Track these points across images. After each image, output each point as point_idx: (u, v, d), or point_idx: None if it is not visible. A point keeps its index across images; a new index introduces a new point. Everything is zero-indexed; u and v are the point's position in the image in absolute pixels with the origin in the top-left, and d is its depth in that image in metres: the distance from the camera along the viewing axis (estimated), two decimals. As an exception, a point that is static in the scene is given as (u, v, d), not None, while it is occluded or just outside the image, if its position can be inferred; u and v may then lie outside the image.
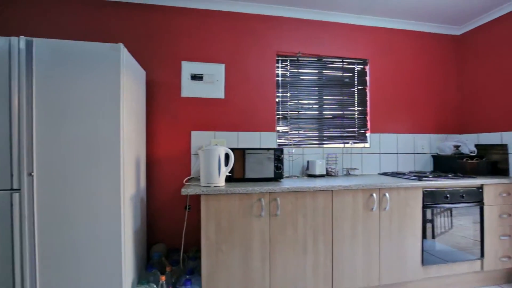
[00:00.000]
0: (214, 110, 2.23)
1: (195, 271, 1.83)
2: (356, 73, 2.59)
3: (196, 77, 2.20)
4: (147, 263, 1.98)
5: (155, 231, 2.15)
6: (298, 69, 2.47)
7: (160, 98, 2.16)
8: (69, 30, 2.05)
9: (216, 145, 1.84)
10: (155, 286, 1.65)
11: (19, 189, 1.34)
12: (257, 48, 2.33)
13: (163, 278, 1.63)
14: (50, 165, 1.38)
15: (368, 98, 2.58)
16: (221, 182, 1.70)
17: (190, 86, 2.19)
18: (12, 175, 1.34)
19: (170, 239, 2.16)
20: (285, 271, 1.72)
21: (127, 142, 1.55)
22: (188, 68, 2.19)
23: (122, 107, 1.46)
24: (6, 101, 1.34)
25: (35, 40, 1.36)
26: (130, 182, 1.61)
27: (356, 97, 2.59)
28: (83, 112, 1.41)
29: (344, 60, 2.56)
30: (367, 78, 2.59)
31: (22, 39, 1.34)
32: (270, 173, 1.93)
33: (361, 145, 2.57)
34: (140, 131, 1.88)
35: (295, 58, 2.45)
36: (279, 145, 2.40)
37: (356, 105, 2.58)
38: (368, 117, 2.58)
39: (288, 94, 2.45)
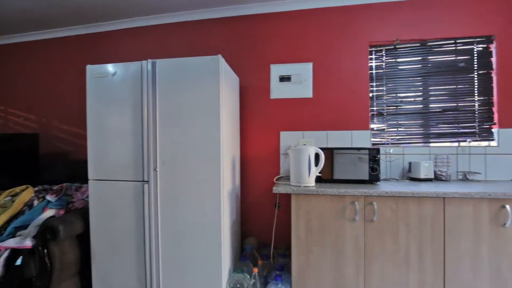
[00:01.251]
0: (302, 110, 2.23)
1: (285, 268, 1.88)
2: (476, 55, 2.11)
3: (284, 79, 2.25)
4: (241, 254, 2.15)
5: (247, 225, 2.31)
6: (395, 58, 2.20)
7: (251, 101, 2.31)
8: (180, 49, 2.44)
9: (305, 145, 1.83)
10: (248, 276, 1.78)
11: (148, 181, 1.70)
12: (346, 42, 2.20)
13: (255, 270, 1.74)
14: (168, 161, 1.68)
15: (495, 85, 2.06)
16: (311, 182, 1.68)
17: (279, 87, 2.26)
18: (143, 170, 1.70)
19: (261, 234, 2.28)
20: (383, 284, 1.56)
21: (226, 143, 1.73)
22: (276, 70, 2.26)
23: (222, 112, 1.63)
24: (139, 112, 1.71)
25: (158, 61, 1.68)
26: (227, 179, 1.79)
27: (476, 84, 2.10)
28: (190, 117, 1.65)
29: (457, 41, 2.12)
30: (493, 60, 2.07)
31: (149, 62, 1.69)
32: (363, 174, 1.79)
33: (485, 143, 2.08)
34: (235, 133, 2.06)
35: (392, 47, 2.19)
36: (373, 144, 2.19)
37: (476, 94, 2.10)
38: (495, 108, 2.06)
39: (384, 88, 2.21)
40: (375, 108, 2.22)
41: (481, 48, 2.10)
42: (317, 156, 1.71)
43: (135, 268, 1.74)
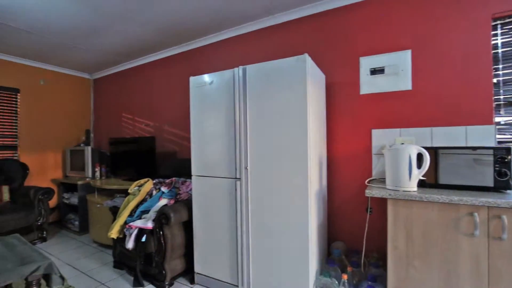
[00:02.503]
0: (399, 105, 1.98)
1: (378, 280, 1.71)
2: None
3: (376, 71, 2.05)
4: (327, 258, 2.07)
5: (334, 228, 2.21)
6: (535, 31, 1.69)
7: (338, 98, 2.21)
8: (265, 54, 2.55)
9: (403, 143, 1.62)
10: (336, 282, 1.70)
11: (240, 178, 1.84)
12: (458, 17, 1.82)
13: (345, 276, 1.65)
14: (256, 160, 1.78)
15: None
16: (412, 186, 1.47)
17: (370, 81, 2.07)
18: (236, 168, 1.85)
19: (349, 238, 2.15)
20: (520, 320, 1.22)
21: (313, 142, 1.70)
22: (366, 63, 2.09)
23: (309, 111, 1.62)
24: (232, 115, 1.87)
25: (248, 67, 1.80)
26: (314, 179, 1.76)
27: None
28: (278, 118, 1.70)
29: None
30: None
31: (240, 68, 1.83)
32: (484, 180, 1.45)
33: None
34: (322, 132, 2.01)
35: (529, 17, 1.69)
36: (499, 142, 1.75)
37: None
38: None
39: (516, 71, 1.73)
40: (501, 97, 1.76)
41: None
42: (419, 156, 1.49)
43: (229, 256, 1.92)
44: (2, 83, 3.47)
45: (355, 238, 2.11)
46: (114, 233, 2.16)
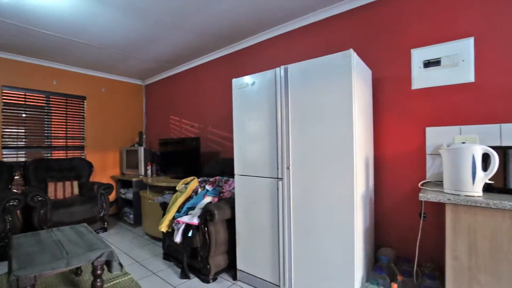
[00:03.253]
0: (459, 99, 1.78)
1: (435, 293, 1.55)
2: None
3: (430, 63, 1.87)
4: (374, 265, 1.95)
5: (382, 233, 2.08)
6: None
7: (386, 95, 2.07)
8: (309, 51, 2.51)
9: (464, 142, 1.45)
10: (386, 290, 1.59)
11: (282, 178, 1.84)
12: (535, -1, 1.57)
13: (394, 286, 1.54)
14: (299, 161, 1.76)
15: None
16: (476, 191, 1.31)
17: (423, 75, 1.90)
18: (278, 168, 1.86)
19: (398, 245, 1.99)
20: None
21: (359, 142, 1.62)
22: (419, 55, 1.92)
23: (354, 109, 1.55)
24: (274, 115, 1.88)
25: (289, 66, 1.80)
26: (361, 180, 1.67)
27: None
28: (322, 117, 1.66)
29: None
30: None
31: (282, 68, 1.83)
32: None
33: None
34: (368, 131, 1.90)
35: None
36: None
37: None
38: None
39: None
40: None
41: None
42: (485, 157, 1.32)
43: (270, 255, 1.93)
44: (73, 91, 3.99)
45: (405, 245, 1.95)
46: (164, 227, 2.33)
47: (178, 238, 2.22)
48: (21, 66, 3.54)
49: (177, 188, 2.57)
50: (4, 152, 3.42)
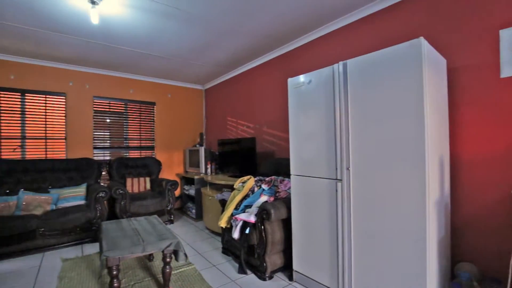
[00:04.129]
0: None
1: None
2: None
3: (528, 47, 1.55)
4: (450, 281, 1.71)
5: (460, 245, 1.81)
6: None
7: (465, 86, 1.79)
8: (371, 43, 2.35)
9: None
10: (468, 312, 1.38)
11: (341, 179, 1.76)
12: None
13: (480, 308, 1.32)
14: (360, 161, 1.66)
15: None
16: None
17: (517, 61, 1.59)
18: (336, 169, 1.78)
19: (482, 261, 1.71)
20: None
21: (431, 142, 1.44)
22: (510, 36, 1.61)
23: (426, 105, 1.39)
24: (332, 113, 1.81)
25: (349, 62, 1.71)
26: (434, 184, 1.49)
27: None
28: (386, 114, 1.53)
29: None
30: None
31: (340, 64, 1.75)
32: None
33: None
34: (442, 129, 1.68)
35: None
36: None
37: None
38: None
39: None
40: None
41: None
42: None
43: (328, 259, 1.86)
44: (145, 98, 4.53)
45: (492, 262, 1.66)
46: (223, 223, 2.46)
47: (236, 234, 2.32)
48: (107, 79, 4.17)
49: (234, 186, 2.69)
50: (94, 152, 4.08)
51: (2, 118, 3.45)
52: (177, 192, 4.38)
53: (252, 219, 2.22)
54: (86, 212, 3.05)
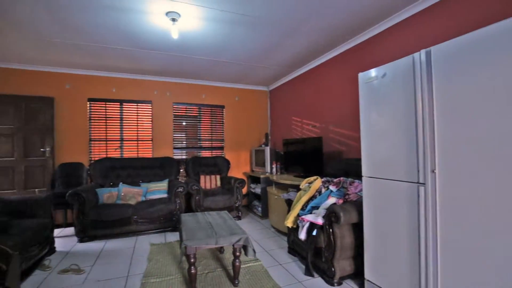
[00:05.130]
0: None
1: None
2: None
3: None
4: None
5: None
6: None
7: None
8: (457, 27, 2.01)
9: None
10: None
11: (424, 183, 1.54)
12: None
13: None
14: (449, 163, 1.42)
15: None
16: None
17: None
18: (418, 171, 1.57)
19: None
20: None
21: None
22: None
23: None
24: (412, 108, 1.61)
25: (433, 48, 1.48)
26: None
27: None
28: (485, 107, 1.28)
29: None
30: None
31: (422, 52, 1.54)
32: None
33: None
34: None
35: None
36: None
37: None
38: None
39: None
40: None
41: None
42: None
43: (407, 273, 1.65)
44: (215, 102, 4.89)
45: None
46: (289, 223, 2.46)
47: (302, 235, 2.29)
48: (183, 86, 4.67)
49: (300, 187, 2.65)
50: (174, 152, 4.61)
51: (108, 123, 4.23)
52: (244, 190, 4.59)
53: (320, 221, 2.15)
54: (168, 204, 3.47)
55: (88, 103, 4.11)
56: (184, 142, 4.75)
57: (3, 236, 2.09)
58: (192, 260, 1.95)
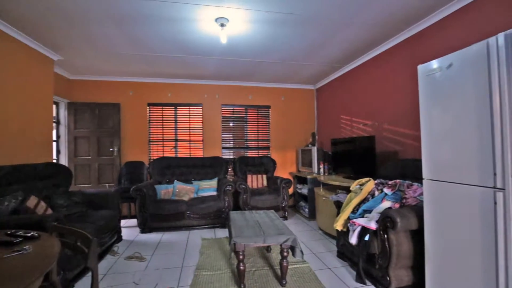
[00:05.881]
0: None
1: None
2: None
3: None
4: None
5: None
6: None
7: None
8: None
9: None
10: None
11: (503, 189, 1.32)
12: None
13: None
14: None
15: None
16: None
17: None
18: (495, 174, 1.36)
19: None
20: None
21: None
22: None
23: None
24: (486, 102, 1.40)
25: (514, 31, 1.27)
26: None
27: None
28: None
29: None
30: None
31: (500, 36, 1.32)
32: None
33: None
34: None
35: None
36: None
37: None
38: None
39: None
40: None
41: None
42: None
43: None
44: (261, 103, 4.96)
45: None
46: (339, 226, 2.36)
47: (353, 240, 2.18)
48: (231, 88, 4.84)
49: (351, 188, 2.53)
50: (223, 152, 4.81)
51: (164, 126, 4.62)
52: (290, 190, 4.55)
53: (373, 225, 2.02)
54: (217, 201, 3.64)
55: (147, 107, 4.55)
56: (231, 142, 4.92)
57: (83, 224, 2.44)
58: (241, 257, 2.01)
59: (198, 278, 2.23)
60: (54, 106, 3.70)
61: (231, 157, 4.85)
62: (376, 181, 2.37)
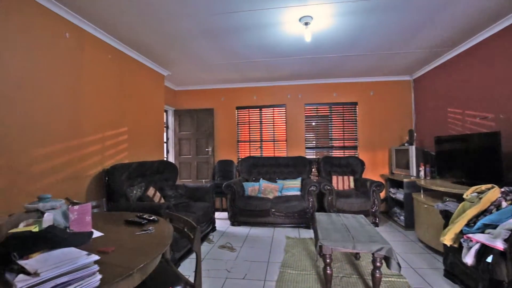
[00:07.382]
0: None
1: None
2: None
3: None
4: None
5: None
6: None
7: None
8: None
9: None
10: None
11: None
12: None
13: None
14: None
15: None
16: None
17: None
18: None
19: None
20: None
21: None
22: None
23: None
24: None
25: None
26: None
27: None
28: None
29: None
30: None
31: None
32: None
33: None
34: None
35: None
36: None
37: None
38: None
39: None
40: None
41: None
42: None
43: None
44: (347, 99, 4.67)
45: None
46: (447, 240, 1.99)
47: (468, 259, 1.79)
48: (314, 87, 4.75)
49: (464, 196, 2.09)
50: (306, 151, 4.77)
51: (251, 127, 4.94)
52: (382, 194, 4.11)
53: (499, 245, 1.61)
54: (301, 201, 3.63)
55: (236, 111, 4.95)
56: (314, 142, 4.81)
57: (187, 213, 2.85)
58: (328, 260, 1.95)
59: (283, 276, 2.28)
60: (164, 114, 4.49)
61: (314, 157, 4.75)
62: (502, 189, 1.88)
